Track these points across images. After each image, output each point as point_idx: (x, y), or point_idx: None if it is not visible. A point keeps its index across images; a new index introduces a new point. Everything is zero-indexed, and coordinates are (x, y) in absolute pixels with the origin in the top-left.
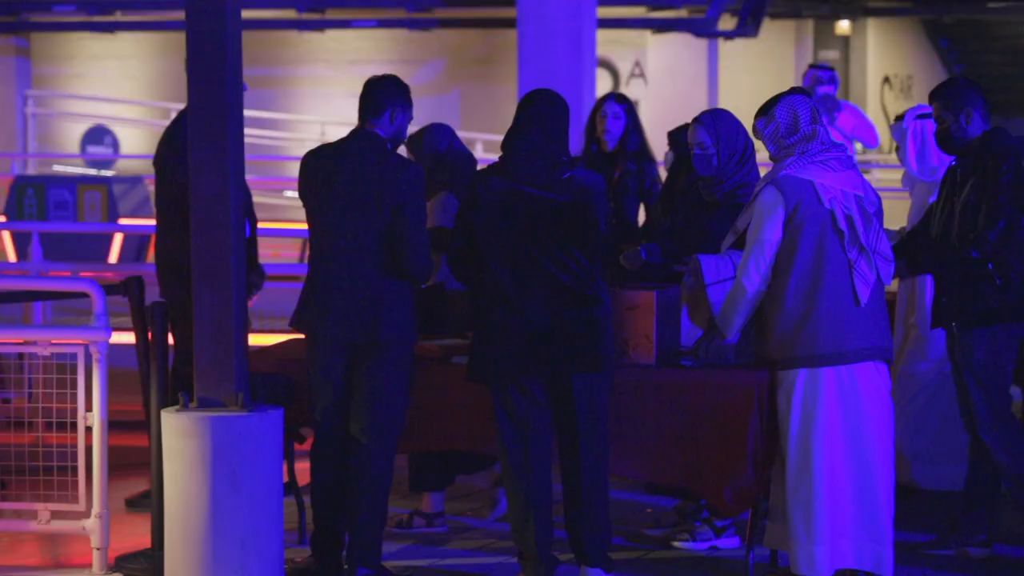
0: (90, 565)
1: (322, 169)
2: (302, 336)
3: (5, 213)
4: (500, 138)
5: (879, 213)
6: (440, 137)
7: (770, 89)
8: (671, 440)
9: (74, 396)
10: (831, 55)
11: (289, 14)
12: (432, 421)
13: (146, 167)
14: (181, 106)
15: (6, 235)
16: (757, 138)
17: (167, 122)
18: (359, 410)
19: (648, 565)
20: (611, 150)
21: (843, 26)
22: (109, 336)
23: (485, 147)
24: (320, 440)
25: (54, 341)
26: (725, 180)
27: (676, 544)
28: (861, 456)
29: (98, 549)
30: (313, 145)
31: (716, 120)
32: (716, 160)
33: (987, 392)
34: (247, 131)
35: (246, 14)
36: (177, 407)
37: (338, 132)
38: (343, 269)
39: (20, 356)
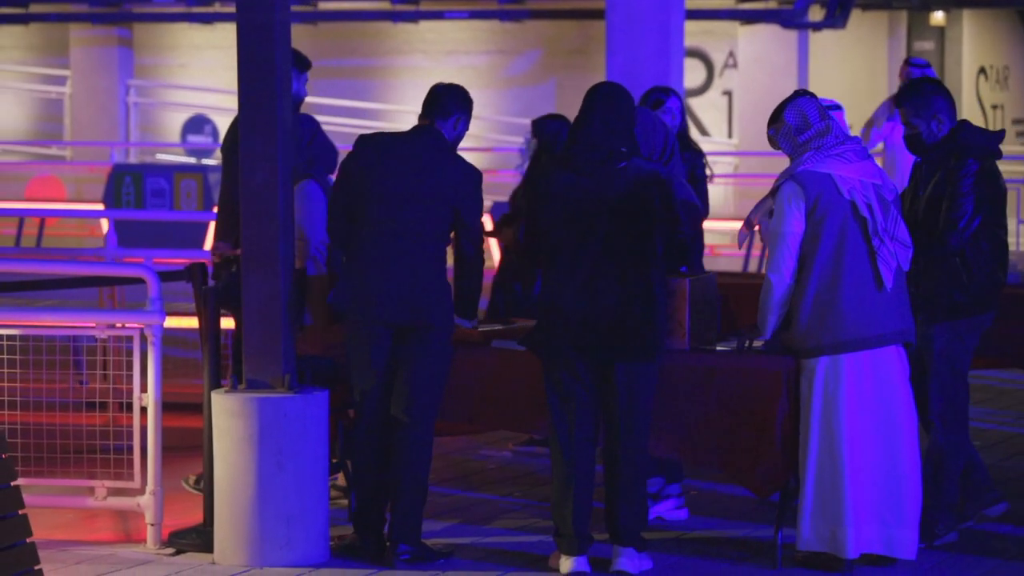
0: (145, 540)
1: (382, 155)
2: None
3: (104, 201)
4: None
5: (896, 201)
6: (306, 128)
7: (862, 80)
8: (703, 423)
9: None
10: (926, 46)
11: (383, 5)
12: (471, 404)
13: None
14: None
15: (104, 222)
16: (774, 147)
17: None
18: (401, 392)
19: (681, 545)
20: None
21: (938, 17)
22: (163, 320)
23: None
24: (362, 421)
25: (112, 325)
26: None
27: None
28: (885, 440)
29: (152, 525)
30: None
31: (639, 122)
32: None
33: (942, 381)
34: (346, 121)
35: (339, 5)
36: (226, 388)
37: None
38: (394, 255)
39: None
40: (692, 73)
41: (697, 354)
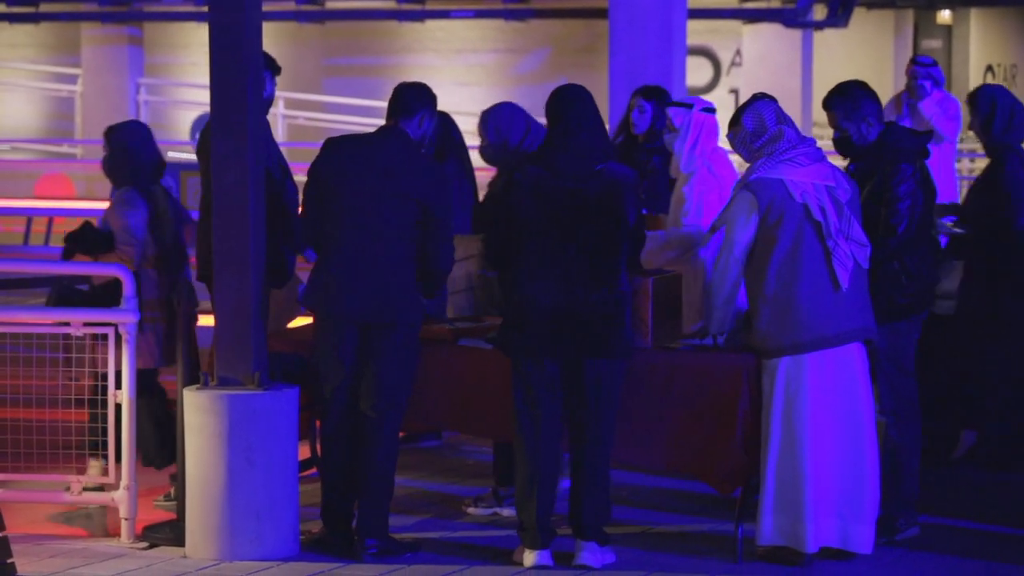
0: (119, 535)
1: (350, 157)
2: None
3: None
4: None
5: (852, 201)
6: (136, 132)
7: (869, 79)
8: (665, 422)
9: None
10: (933, 44)
11: (389, 4)
12: (437, 401)
13: None
14: (291, 95)
15: None
16: (734, 149)
17: (276, 111)
18: (370, 389)
19: (643, 539)
20: (639, 133)
21: (944, 15)
22: (137, 318)
23: None
24: (331, 418)
25: (86, 322)
26: (505, 171)
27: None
28: (846, 436)
29: (126, 519)
30: None
31: (491, 114)
32: (490, 151)
33: (891, 379)
34: (356, 119)
35: (345, 4)
36: (198, 385)
37: None
38: (363, 253)
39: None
40: (699, 71)
41: (660, 352)
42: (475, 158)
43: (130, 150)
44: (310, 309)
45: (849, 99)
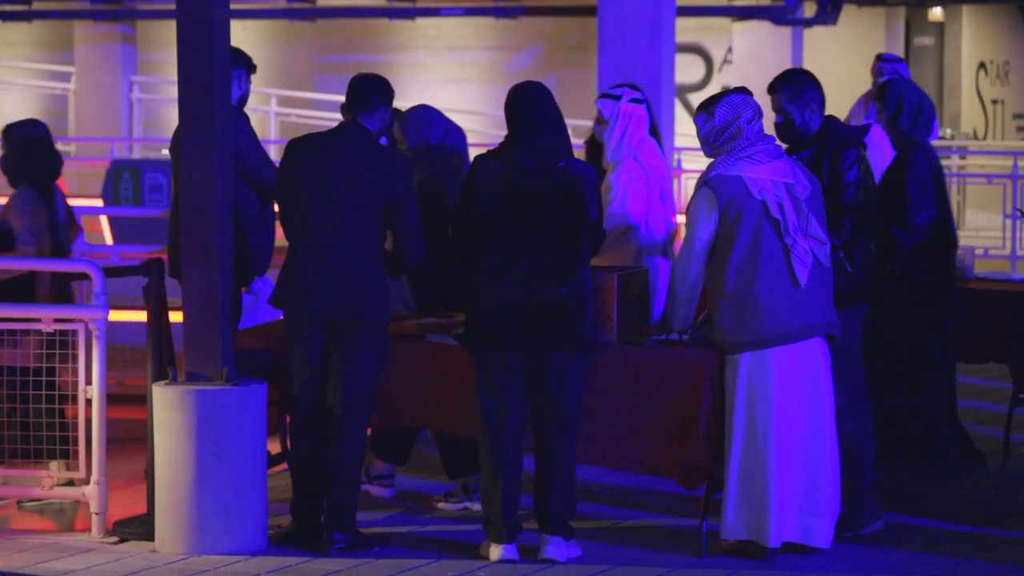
0: (90, 529)
1: (314, 155)
2: None
3: (103, 196)
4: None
5: (811, 199)
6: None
7: (860, 76)
8: (630, 419)
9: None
10: (925, 41)
11: (379, 2)
12: (404, 397)
13: None
14: (284, 92)
15: (103, 219)
16: (699, 144)
17: (269, 108)
18: (336, 384)
19: (609, 534)
20: None
21: (936, 12)
22: (106, 314)
23: (577, 132)
24: (299, 413)
25: (56, 318)
26: (423, 169)
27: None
28: (810, 430)
29: (96, 514)
30: None
31: (409, 118)
32: (411, 154)
33: (841, 371)
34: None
35: (336, 1)
36: (167, 381)
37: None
38: (330, 250)
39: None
40: (691, 69)
41: (624, 347)
42: None
43: (28, 149)
44: (278, 306)
45: (795, 84)
